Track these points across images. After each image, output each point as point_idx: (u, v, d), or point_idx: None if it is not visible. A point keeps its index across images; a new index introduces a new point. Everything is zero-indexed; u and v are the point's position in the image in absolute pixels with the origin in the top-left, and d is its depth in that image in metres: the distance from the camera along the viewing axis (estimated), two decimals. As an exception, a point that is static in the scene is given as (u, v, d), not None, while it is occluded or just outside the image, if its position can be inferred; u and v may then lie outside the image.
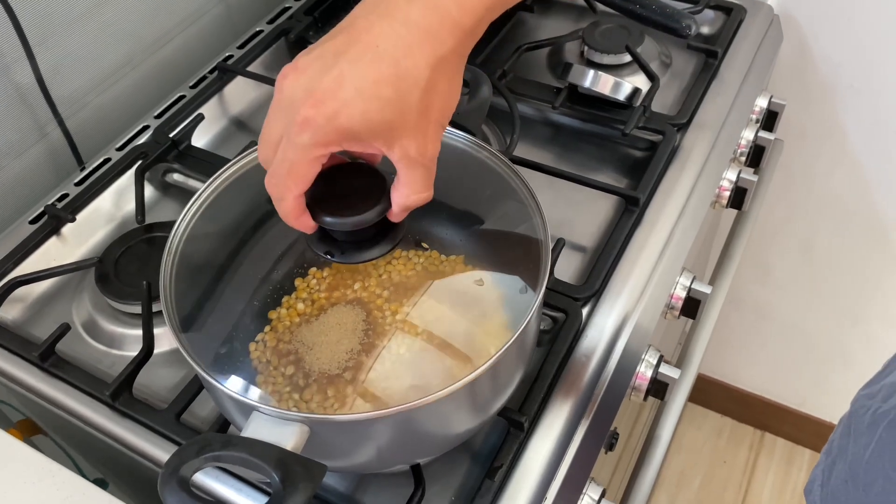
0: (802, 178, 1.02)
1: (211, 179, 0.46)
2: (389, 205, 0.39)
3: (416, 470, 0.45)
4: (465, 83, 0.56)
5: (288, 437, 0.36)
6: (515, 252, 0.45)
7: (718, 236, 0.91)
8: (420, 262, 0.44)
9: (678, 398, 0.61)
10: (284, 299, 0.43)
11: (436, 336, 0.42)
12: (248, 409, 0.37)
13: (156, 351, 0.54)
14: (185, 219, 0.45)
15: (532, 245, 0.44)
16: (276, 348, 0.42)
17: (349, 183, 0.40)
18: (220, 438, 0.36)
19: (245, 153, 0.47)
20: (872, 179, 0.98)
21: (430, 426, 0.40)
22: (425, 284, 0.43)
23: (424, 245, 0.43)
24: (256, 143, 0.41)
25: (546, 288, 0.41)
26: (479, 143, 0.47)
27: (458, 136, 0.48)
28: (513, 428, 0.47)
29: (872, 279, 1.09)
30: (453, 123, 0.49)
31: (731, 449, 1.42)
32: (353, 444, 0.39)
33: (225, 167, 0.47)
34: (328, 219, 0.39)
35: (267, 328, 0.42)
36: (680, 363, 0.62)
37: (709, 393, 1.42)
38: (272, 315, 0.42)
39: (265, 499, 0.42)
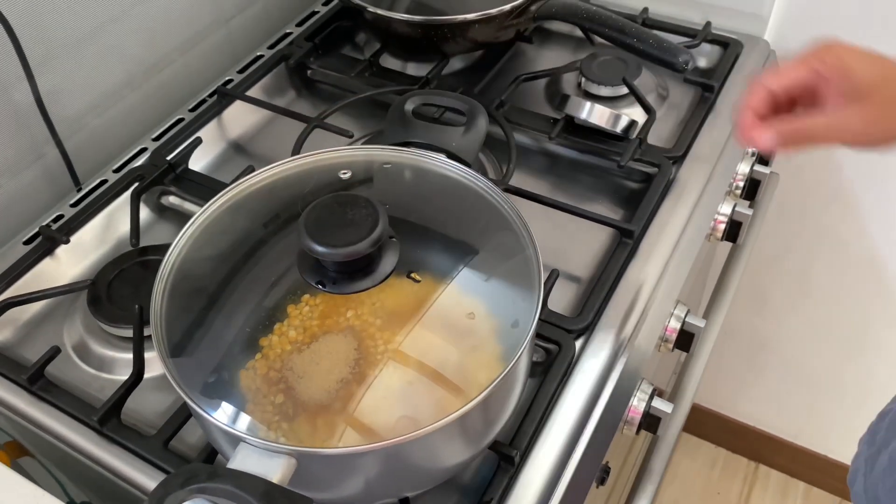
0: (798, 212, 1.02)
1: (207, 205, 0.46)
2: (380, 236, 0.39)
3: (405, 502, 0.45)
4: (461, 113, 0.57)
5: (275, 469, 0.36)
6: (508, 283, 0.45)
7: (713, 269, 0.91)
8: (413, 291, 0.44)
9: (671, 432, 0.61)
10: (276, 326, 0.42)
11: (427, 367, 0.42)
12: (235, 440, 0.37)
13: (146, 375, 0.53)
14: (178, 244, 0.45)
15: (525, 277, 0.44)
16: (266, 376, 0.41)
17: (343, 213, 0.40)
18: (205, 469, 0.35)
19: (241, 180, 0.47)
20: (867, 213, 0.99)
21: (419, 459, 0.40)
22: (418, 314, 0.43)
23: (416, 277, 0.43)
24: (254, 168, 0.40)
25: (539, 319, 0.41)
26: (475, 175, 0.48)
27: (453, 167, 0.48)
28: (503, 462, 0.47)
29: (867, 312, 1.09)
30: (449, 154, 0.50)
31: (724, 480, 1.41)
32: (341, 477, 0.39)
33: (221, 193, 0.47)
34: (320, 248, 0.39)
35: (258, 355, 0.41)
36: (673, 396, 0.62)
37: (703, 423, 1.42)
38: (263, 342, 0.42)
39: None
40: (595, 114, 0.68)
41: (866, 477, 0.55)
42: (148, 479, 0.48)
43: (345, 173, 0.46)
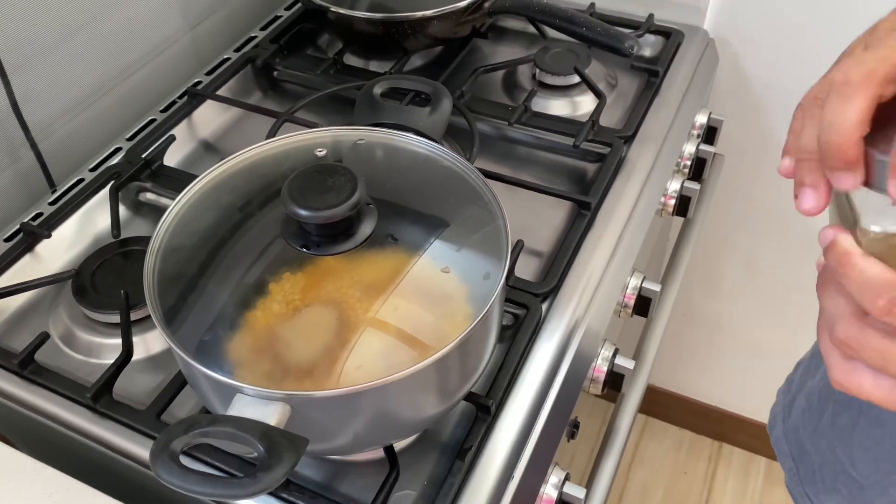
0: (744, 193, 1.08)
1: (192, 184, 0.49)
2: (359, 200, 0.43)
3: (390, 453, 0.48)
4: (427, 97, 0.61)
5: (271, 414, 0.39)
6: (479, 250, 0.48)
7: (670, 246, 0.96)
8: (389, 263, 0.47)
9: (635, 390, 0.65)
10: (260, 301, 0.45)
11: (406, 330, 0.46)
12: (231, 392, 0.40)
13: (133, 358, 0.56)
14: (166, 220, 0.47)
15: (494, 241, 0.47)
16: (253, 346, 0.44)
17: (323, 181, 0.43)
18: (206, 417, 0.38)
19: (223, 161, 0.50)
20: (808, 192, 1.05)
21: (402, 404, 0.43)
22: (395, 283, 0.46)
23: (394, 237, 0.46)
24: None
25: (508, 276, 0.45)
26: (443, 149, 0.51)
27: (423, 144, 0.52)
28: (480, 412, 0.51)
29: (811, 288, 1.15)
30: (417, 133, 0.53)
31: (691, 461, 1.46)
32: (332, 423, 0.42)
33: (205, 173, 0.50)
34: (303, 212, 0.42)
35: (244, 329, 0.44)
36: (636, 356, 0.66)
37: (668, 407, 1.47)
38: (249, 316, 0.45)
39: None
40: (551, 105, 0.73)
41: (785, 422, 0.60)
42: (144, 450, 0.50)
43: (320, 151, 0.50)
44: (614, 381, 0.62)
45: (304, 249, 0.45)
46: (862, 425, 0.57)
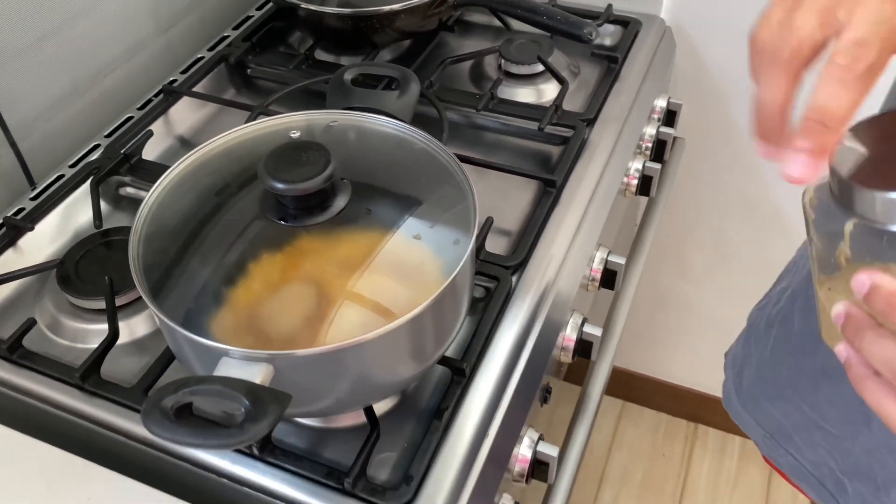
0: (708, 176, 1.12)
1: (174, 166, 0.51)
2: (332, 173, 0.45)
3: (371, 415, 0.50)
4: (396, 82, 0.63)
5: (255, 375, 0.41)
6: (450, 223, 0.51)
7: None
8: (364, 240, 0.50)
9: (605, 358, 0.68)
10: (241, 280, 0.47)
11: (382, 301, 0.48)
12: (216, 356, 0.42)
13: (118, 342, 0.57)
14: (150, 199, 0.49)
15: (464, 213, 0.50)
16: (235, 322, 0.46)
17: (298, 157, 0.46)
18: (195, 378, 0.40)
19: (202, 144, 0.52)
20: (768, 174, 1.09)
21: (380, 363, 0.45)
22: (370, 259, 0.49)
23: (368, 209, 0.49)
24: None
25: (477, 243, 0.47)
26: (414, 130, 0.54)
27: (394, 125, 0.54)
28: (455, 376, 0.53)
29: (777, 267, 1.19)
30: (387, 115, 0.56)
31: (667, 443, 1.49)
32: (313, 383, 0.44)
33: (185, 157, 0.52)
34: (279, 185, 0.44)
35: (226, 306, 0.46)
36: (605, 327, 0.69)
37: (644, 391, 1.50)
38: (230, 295, 0.47)
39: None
40: (517, 92, 0.76)
41: (739, 394, 0.64)
42: (133, 425, 0.52)
43: (294, 133, 0.52)
44: (584, 349, 0.65)
45: (282, 222, 0.47)
46: (824, 385, 0.60)
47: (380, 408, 0.53)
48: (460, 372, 0.53)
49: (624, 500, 1.42)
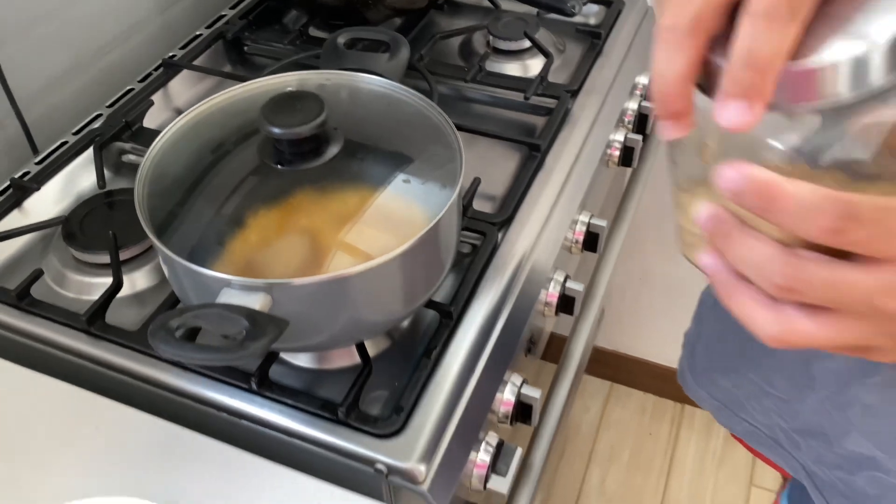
0: (690, 157, 1.16)
1: (175, 121, 0.54)
2: (325, 119, 0.48)
3: (362, 351, 0.53)
4: (386, 45, 0.67)
5: (254, 302, 0.44)
6: (439, 178, 0.54)
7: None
8: (356, 195, 0.53)
9: (589, 315, 0.71)
10: (240, 224, 0.50)
11: (373, 245, 0.51)
12: (218, 287, 0.45)
13: (121, 294, 0.60)
14: (154, 148, 0.52)
15: (452, 167, 0.53)
16: (234, 266, 0.49)
17: (293, 105, 0.49)
18: (197, 304, 0.43)
19: (203, 101, 0.55)
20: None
21: (372, 296, 0.48)
22: (362, 207, 0.52)
23: (360, 157, 0.52)
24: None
25: (462, 192, 0.50)
26: (403, 88, 0.57)
27: (384, 84, 0.57)
28: (443, 318, 0.56)
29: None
30: (378, 76, 0.59)
31: (655, 423, 1.53)
32: (309, 313, 0.47)
33: (185, 112, 0.55)
34: (276, 130, 0.47)
35: (225, 254, 0.49)
36: (589, 286, 0.72)
37: (631, 372, 1.54)
38: (230, 236, 0.50)
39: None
40: (504, 66, 0.79)
41: (692, 371, 0.67)
42: (138, 365, 0.55)
43: (289, 88, 0.55)
44: (566, 305, 0.68)
45: (279, 166, 0.50)
46: (768, 355, 0.63)
47: (371, 350, 0.56)
48: (448, 315, 0.56)
49: (612, 479, 1.45)
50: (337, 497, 0.47)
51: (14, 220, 0.68)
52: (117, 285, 0.59)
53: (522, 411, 0.60)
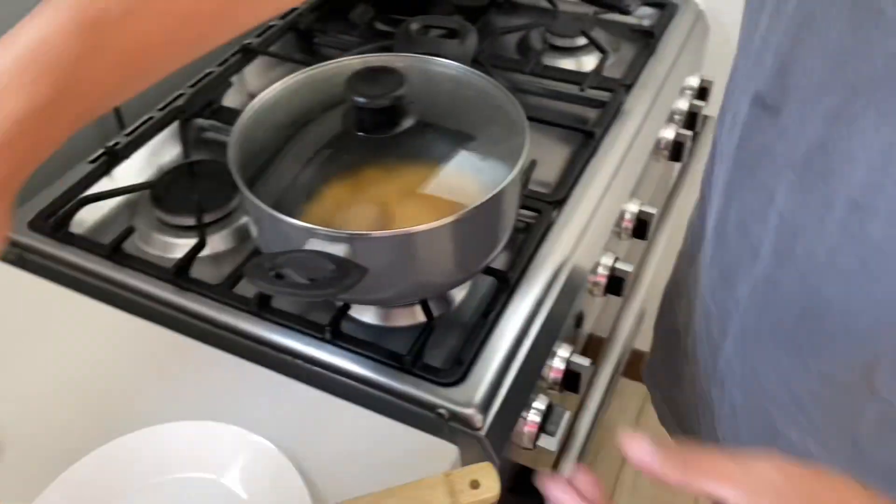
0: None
1: (265, 91, 0.59)
2: (404, 92, 0.53)
3: (426, 308, 0.57)
4: (456, 32, 0.71)
5: (338, 251, 0.48)
6: (503, 152, 0.58)
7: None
8: (426, 167, 0.57)
9: (637, 296, 0.74)
10: (321, 184, 0.55)
11: (441, 209, 0.55)
12: (304, 236, 0.49)
13: (202, 254, 0.65)
14: (245, 114, 0.57)
15: (517, 142, 0.57)
16: (316, 217, 0.53)
17: (375, 78, 0.54)
18: (287, 250, 0.48)
19: (292, 75, 0.60)
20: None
21: (440, 253, 0.52)
22: (431, 180, 0.56)
23: (434, 128, 0.56)
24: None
25: (524, 166, 0.55)
26: (471, 70, 0.61)
27: (453, 66, 0.62)
28: (500, 284, 0.60)
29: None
30: (449, 59, 0.64)
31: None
32: (384, 266, 0.51)
33: (273, 86, 0.60)
34: (360, 99, 0.52)
35: (308, 204, 0.54)
36: (637, 271, 0.76)
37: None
38: (312, 195, 0.55)
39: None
40: (561, 60, 0.84)
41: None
42: (220, 314, 0.60)
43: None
44: (615, 286, 0.71)
45: (360, 133, 0.55)
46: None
47: (434, 313, 0.60)
48: (505, 280, 0.60)
49: (644, 481, 1.46)
50: (402, 432, 0.51)
51: (104, 185, 0.74)
52: (201, 244, 0.64)
53: (571, 379, 0.63)
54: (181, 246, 0.68)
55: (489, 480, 0.44)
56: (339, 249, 0.48)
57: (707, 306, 0.55)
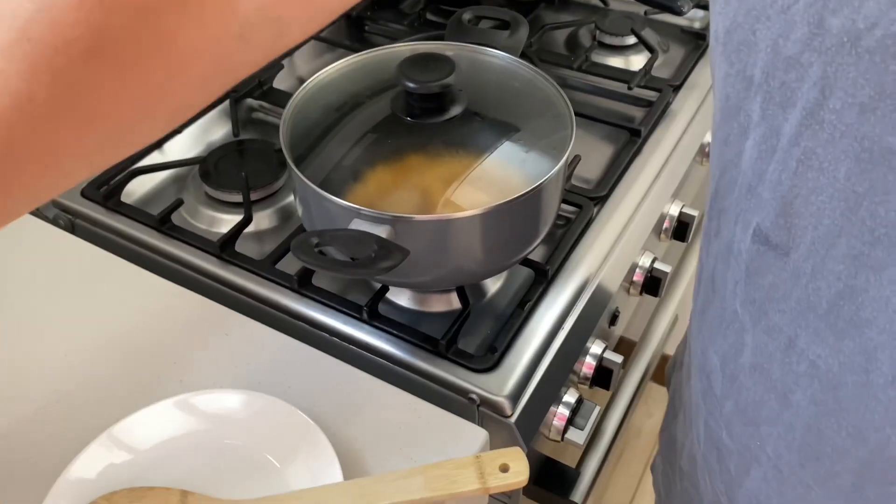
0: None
1: (319, 73, 0.60)
2: (454, 79, 0.53)
3: (462, 294, 0.58)
4: (507, 24, 0.72)
5: (381, 232, 0.49)
6: (549, 144, 0.58)
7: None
8: (473, 149, 0.57)
9: (673, 299, 0.74)
10: (367, 166, 0.56)
11: (483, 197, 0.55)
12: (349, 217, 0.51)
13: (250, 229, 0.67)
14: (298, 95, 0.59)
15: (562, 141, 0.57)
16: (361, 198, 0.54)
17: (426, 64, 0.54)
18: (332, 229, 0.49)
19: (346, 58, 0.62)
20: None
21: (480, 240, 0.53)
22: (475, 168, 0.57)
23: (481, 116, 0.57)
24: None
25: (569, 160, 0.55)
26: (522, 62, 0.62)
27: (503, 57, 0.62)
28: (538, 276, 0.61)
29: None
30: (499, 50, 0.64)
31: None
32: (425, 250, 0.52)
33: (327, 68, 0.61)
34: (410, 84, 0.53)
35: (354, 184, 0.55)
36: (675, 268, 0.75)
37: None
38: (359, 176, 0.56)
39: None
40: (610, 58, 0.84)
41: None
42: (263, 289, 0.61)
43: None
44: (651, 287, 0.71)
45: (408, 118, 0.55)
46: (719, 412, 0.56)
47: (471, 300, 0.61)
48: (543, 273, 0.60)
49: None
50: (434, 413, 0.51)
51: (155, 158, 0.76)
52: (247, 220, 0.66)
53: (602, 375, 0.63)
54: (227, 221, 0.69)
55: (519, 465, 0.44)
56: (381, 231, 0.49)
57: (720, 440, 0.48)
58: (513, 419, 0.53)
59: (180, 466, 0.49)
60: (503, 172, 0.57)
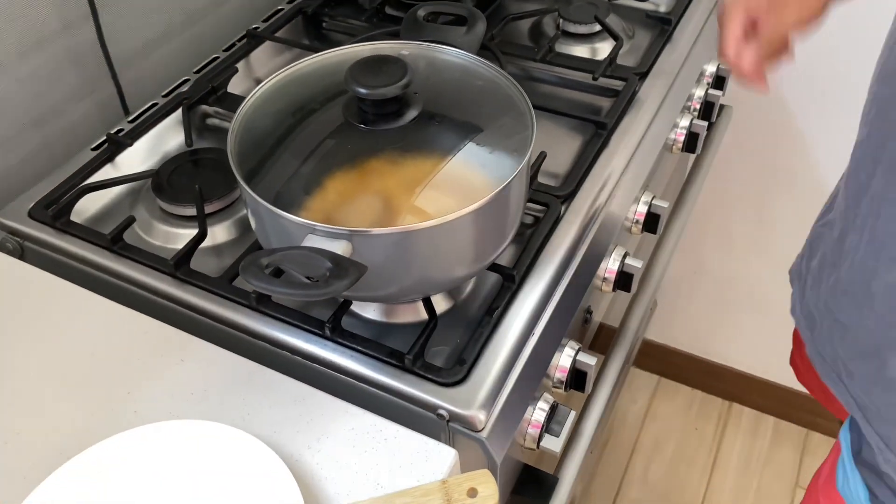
0: (754, 147, 1.15)
1: (266, 80, 0.58)
2: (409, 81, 0.51)
3: (429, 305, 0.56)
4: (464, 19, 0.69)
5: (336, 248, 0.47)
6: (510, 145, 0.56)
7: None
8: (431, 155, 0.55)
9: (647, 291, 0.72)
10: (322, 178, 0.54)
11: (444, 205, 0.53)
12: (303, 232, 0.48)
13: (203, 245, 0.64)
14: (245, 105, 0.56)
15: (523, 135, 0.55)
16: (316, 212, 0.52)
17: (378, 67, 0.52)
18: (285, 247, 0.47)
19: (292, 64, 0.59)
20: (814, 148, 1.12)
21: (443, 250, 0.51)
22: (435, 175, 0.54)
23: (438, 119, 0.54)
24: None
25: (532, 158, 0.53)
26: (479, 59, 0.60)
27: (460, 55, 0.60)
28: (506, 281, 0.59)
29: (819, 244, 1.22)
30: (455, 47, 0.62)
31: (701, 420, 1.52)
32: (385, 262, 0.50)
33: (274, 74, 0.58)
34: (362, 90, 0.50)
35: (308, 199, 0.52)
36: (647, 266, 0.74)
37: (680, 367, 1.54)
38: (312, 189, 0.53)
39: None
40: (574, 48, 0.81)
41: (801, 303, 0.68)
42: (219, 308, 0.59)
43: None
44: (624, 283, 0.69)
45: (362, 125, 0.53)
46: (836, 268, 0.63)
47: (437, 309, 0.59)
48: (510, 278, 0.59)
49: (655, 471, 1.45)
50: (401, 434, 0.49)
51: (107, 172, 0.73)
52: (202, 235, 0.63)
53: (577, 377, 0.62)
54: (183, 236, 0.66)
55: (487, 489, 0.43)
56: (338, 246, 0.47)
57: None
58: (484, 433, 0.51)
59: (135, 503, 0.46)
60: (466, 176, 0.55)
